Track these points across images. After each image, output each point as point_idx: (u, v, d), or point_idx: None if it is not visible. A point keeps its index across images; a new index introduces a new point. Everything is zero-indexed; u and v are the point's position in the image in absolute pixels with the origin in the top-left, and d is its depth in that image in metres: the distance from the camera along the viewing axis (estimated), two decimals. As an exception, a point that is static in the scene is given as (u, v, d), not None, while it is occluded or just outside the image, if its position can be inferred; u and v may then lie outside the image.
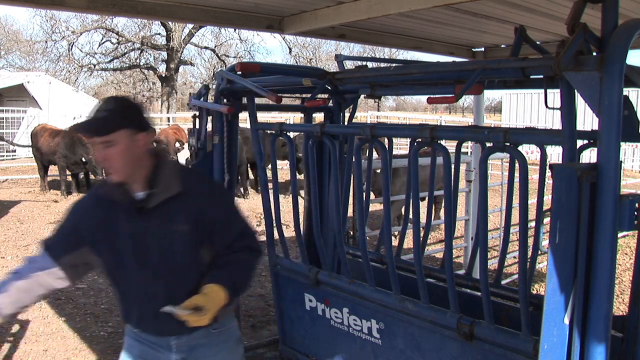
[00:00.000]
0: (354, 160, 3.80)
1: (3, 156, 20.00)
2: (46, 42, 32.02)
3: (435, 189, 4.00)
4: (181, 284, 2.38)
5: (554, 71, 2.29)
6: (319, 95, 3.94)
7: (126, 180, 2.35)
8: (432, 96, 3.28)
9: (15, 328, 5.55)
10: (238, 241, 2.50)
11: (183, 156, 10.41)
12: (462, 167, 6.00)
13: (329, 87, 3.92)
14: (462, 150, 3.97)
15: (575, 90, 2.36)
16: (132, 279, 2.42)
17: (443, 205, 3.62)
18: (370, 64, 4.14)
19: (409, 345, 3.47)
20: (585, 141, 3.08)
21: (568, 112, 2.49)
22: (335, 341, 3.94)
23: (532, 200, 3.53)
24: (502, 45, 5.71)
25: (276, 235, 4.17)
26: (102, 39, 32.82)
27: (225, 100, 4.19)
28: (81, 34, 31.86)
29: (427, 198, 4.03)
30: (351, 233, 5.42)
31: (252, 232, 2.62)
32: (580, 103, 2.41)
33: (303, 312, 4.09)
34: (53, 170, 14.04)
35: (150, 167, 2.39)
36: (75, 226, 2.47)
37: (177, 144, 10.80)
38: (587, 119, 7.58)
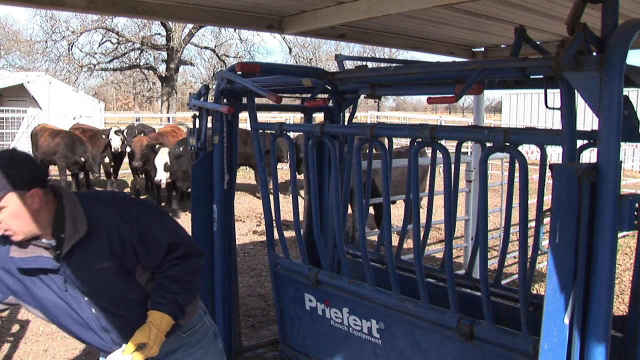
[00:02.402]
0: (354, 160, 3.80)
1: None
2: (46, 42, 32.05)
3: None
4: (130, 312, 2.33)
5: (554, 71, 2.29)
6: (319, 95, 3.95)
7: (29, 237, 2.22)
8: (432, 96, 3.29)
9: (16, 328, 5.55)
10: (170, 254, 2.38)
11: (161, 161, 10.24)
12: (462, 167, 6.00)
13: (329, 87, 3.92)
14: (462, 150, 3.97)
15: (575, 90, 2.36)
16: (78, 323, 2.34)
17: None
18: (370, 64, 4.14)
19: (409, 345, 3.47)
20: (585, 141, 3.08)
21: (568, 112, 2.49)
22: (335, 341, 3.94)
23: (532, 200, 3.53)
24: (502, 45, 5.71)
25: (276, 235, 4.17)
26: (102, 39, 32.87)
27: (225, 100, 4.20)
28: (81, 34, 31.88)
29: (423, 199, 4.03)
30: (351, 233, 5.42)
31: (182, 240, 2.45)
32: (580, 103, 2.41)
33: (303, 312, 4.10)
34: (53, 170, 14.03)
35: (51, 212, 2.24)
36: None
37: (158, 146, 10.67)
38: (587, 119, 7.58)
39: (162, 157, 10.15)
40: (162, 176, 10.19)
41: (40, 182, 2.19)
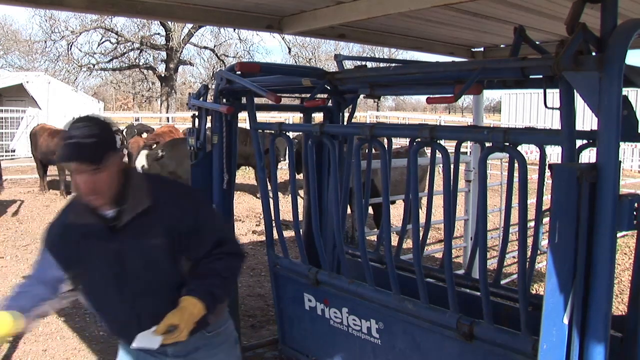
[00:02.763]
0: (353, 160, 3.80)
1: (2, 156, 19.99)
2: (45, 41, 32.07)
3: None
4: (163, 298, 2.32)
5: (553, 71, 2.29)
6: (319, 95, 3.95)
7: (105, 202, 2.26)
8: (431, 96, 3.29)
9: (15, 328, 5.54)
10: (216, 249, 2.41)
11: (139, 164, 10.21)
12: (462, 167, 6.00)
13: (328, 87, 3.92)
14: (462, 150, 3.97)
15: (575, 90, 2.36)
16: (113, 300, 2.37)
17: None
18: (369, 64, 4.14)
19: (409, 345, 3.47)
20: (585, 141, 3.08)
21: (567, 112, 2.49)
22: (334, 341, 3.94)
23: (532, 200, 3.53)
24: (502, 45, 5.71)
25: (275, 235, 4.17)
26: (102, 38, 32.89)
27: (224, 100, 4.19)
28: (80, 34, 31.90)
29: (419, 199, 4.03)
30: (350, 233, 5.43)
31: (230, 237, 2.54)
32: (579, 103, 2.41)
33: (302, 312, 4.09)
34: (52, 170, 14.03)
35: (120, 181, 2.28)
36: (52, 255, 2.39)
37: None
38: (586, 119, 7.58)
39: (140, 160, 10.12)
40: None
41: (122, 148, 2.29)
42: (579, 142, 2.87)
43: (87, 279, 2.39)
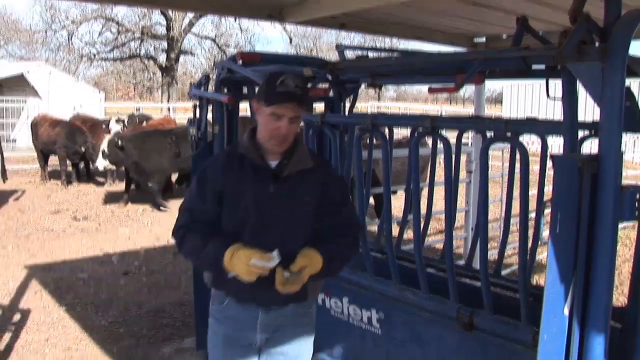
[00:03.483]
0: (354, 150, 3.79)
1: (3, 146, 19.97)
2: (46, 31, 31.97)
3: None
4: (291, 251, 2.43)
5: (555, 61, 2.28)
6: (320, 85, 3.93)
7: (281, 151, 2.50)
8: (433, 86, 3.28)
9: (17, 317, 5.56)
10: (346, 227, 2.59)
11: (100, 148, 10.26)
12: (463, 158, 5.99)
13: (330, 77, 3.91)
14: (463, 140, 3.96)
15: (577, 81, 2.35)
16: (245, 239, 2.46)
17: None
18: (371, 54, 4.13)
19: (409, 335, 3.48)
20: (587, 132, 3.07)
21: (569, 102, 2.48)
22: (335, 331, 3.95)
23: (533, 191, 3.52)
24: (504, 36, 5.68)
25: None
26: (102, 28, 32.74)
27: (225, 90, 4.18)
28: (81, 24, 31.78)
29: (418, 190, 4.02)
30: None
31: (359, 224, 2.78)
32: (581, 94, 2.40)
33: (303, 302, 4.09)
34: (53, 160, 14.04)
35: (293, 140, 2.54)
36: (213, 191, 2.53)
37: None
38: (588, 110, 7.57)
39: (102, 145, 10.34)
40: (99, 163, 10.52)
41: None
42: (580, 133, 2.86)
43: (232, 207, 2.52)
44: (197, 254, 2.48)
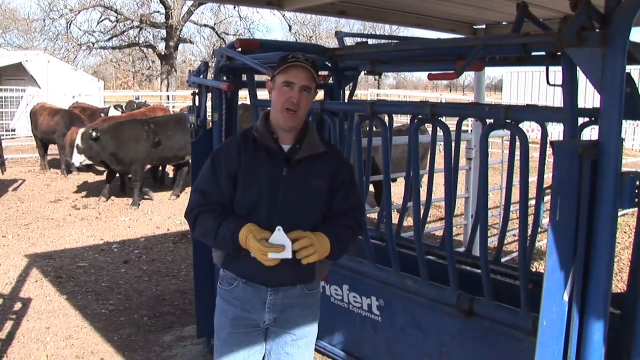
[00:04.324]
0: (354, 137, 3.79)
1: (2, 135, 19.96)
2: (44, 20, 31.74)
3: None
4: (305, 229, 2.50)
5: (555, 47, 2.27)
6: (319, 72, 3.91)
7: (295, 128, 2.58)
8: (433, 72, 3.27)
9: (18, 306, 5.58)
10: (350, 211, 2.65)
11: (74, 143, 9.96)
12: (463, 145, 5.98)
13: (329, 64, 3.89)
14: (463, 128, 3.95)
15: (577, 67, 2.34)
16: (257, 219, 2.51)
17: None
18: (370, 41, 4.11)
19: (409, 322, 3.49)
20: (587, 119, 3.07)
21: (569, 89, 2.47)
22: (335, 318, 3.96)
23: (533, 178, 3.52)
24: (504, 22, 5.65)
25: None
26: (101, 17, 32.50)
27: (224, 78, 4.16)
28: (79, 12, 31.54)
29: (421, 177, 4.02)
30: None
31: (363, 207, 2.81)
32: (581, 80, 2.39)
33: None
34: (53, 149, 14.02)
35: (303, 125, 2.64)
36: (227, 172, 2.59)
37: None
38: (588, 97, 7.54)
39: (77, 139, 9.88)
40: (75, 158, 9.98)
41: None
42: (580, 120, 2.85)
43: (244, 187, 2.57)
44: (211, 233, 2.51)
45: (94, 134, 9.67)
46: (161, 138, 10.05)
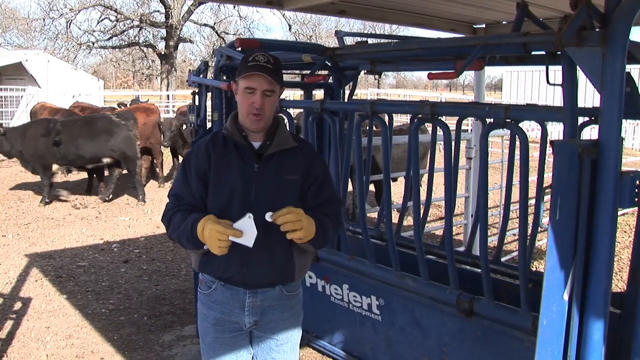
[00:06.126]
0: (354, 137, 3.79)
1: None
2: (44, 19, 31.75)
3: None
4: (278, 229, 2.44)
5: (556, 47, 2.27)
6: (319, 72, 3.92)
7: (263, 129, 2.59)
8: (432, 72, 3.27)
9: (18, 305, 5.58)
10: (326, 205, 2.65)
11: None
12: (463, 144, 5.98)
13: (329, 64, 3.89)
14: (463, 127, 3.95)
15: (577, 67, 2.34)
16: (231, 217, 2.48)
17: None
18: (370, 41, 4.11)
19: (409, 322, 3.49)
20: (587, 118, 3.07)
21: (569, 88, 2.47)
22: (335, 317, 3.97)
23: (533, 178, 3.52)
24: (504, 22, 5.65)
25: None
26: (101, 16, 32.52)
27: (224, 77, 4.17)
28: (79, 12, 31.55)
29: (424, 176, 4.02)
30: (351, 210, 5.43)
31: (339, 201, 2.79)
32: (582, 80, 2.39)
33: (303, 288, 4.08)
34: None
35: (273, 122, 2.64)
36: (197, 173, 2.59)
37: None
38: (588, 96, 7.53)
39: None
40: None
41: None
42: (580, 119, 2.85)
43: (216, 187, 2.57)
44: (177, 228, 2.50)
45: (1, 130, 9.71)
46: (62, 138, 9.81)
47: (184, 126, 11.09)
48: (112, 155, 10.12)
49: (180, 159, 11.32)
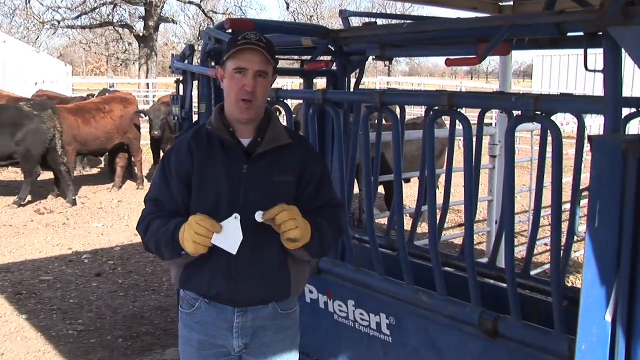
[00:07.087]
0: (360, 131, 3.79)
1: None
2: (-3, -8, 31.73)
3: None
4: (270, 237, 2.46)
5: (596, 26, 2.27)
6: (321, 57, 3.92)
7: (254, 120, 2.58)
8: (450, 57, 3.27)
9: (-32, 327, 5.56)
10: (325, 209, 2.65)
11: None
12: (485, 140, 5.99)
13: (332, 48, 3.90)
14: (486, 120, 3.96)
15: (622, 49, 2.33)
16: (220, 220, 2.46)
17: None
18: (379, 21, 4.11)
19: (423, 343, 3.49)
20: (632, 109, 3.07)
21: (612, 75, 2.47)
22: (339, 338, 3.97)
23: (567, 179, 3.52)
24: (534, -2, 5.66)
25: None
26: (67, -11, 32.52)
27: (213, 63, 4.17)
28: (41, -17, 31.57)
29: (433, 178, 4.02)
30: (357, 215, 5.44)
31: (340, 205, 2.84)
32: (627, 64, 2.38)
33: (303, 304, 4.09)
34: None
35: (264, 116, 2.64)
36: (178, 174, 2.59)
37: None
38: (635, 84, 7.53)
39: None
40: None
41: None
42: (625, 111, 2.85)
43: (200, 190, 2.58)
44: (157, 234, 2.48)
45: None
46: None
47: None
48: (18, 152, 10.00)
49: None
